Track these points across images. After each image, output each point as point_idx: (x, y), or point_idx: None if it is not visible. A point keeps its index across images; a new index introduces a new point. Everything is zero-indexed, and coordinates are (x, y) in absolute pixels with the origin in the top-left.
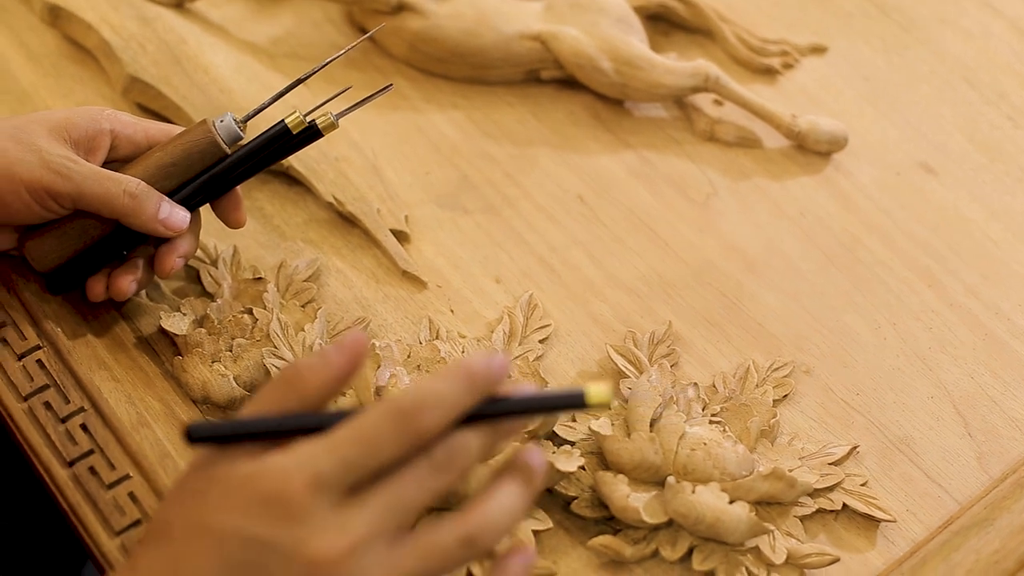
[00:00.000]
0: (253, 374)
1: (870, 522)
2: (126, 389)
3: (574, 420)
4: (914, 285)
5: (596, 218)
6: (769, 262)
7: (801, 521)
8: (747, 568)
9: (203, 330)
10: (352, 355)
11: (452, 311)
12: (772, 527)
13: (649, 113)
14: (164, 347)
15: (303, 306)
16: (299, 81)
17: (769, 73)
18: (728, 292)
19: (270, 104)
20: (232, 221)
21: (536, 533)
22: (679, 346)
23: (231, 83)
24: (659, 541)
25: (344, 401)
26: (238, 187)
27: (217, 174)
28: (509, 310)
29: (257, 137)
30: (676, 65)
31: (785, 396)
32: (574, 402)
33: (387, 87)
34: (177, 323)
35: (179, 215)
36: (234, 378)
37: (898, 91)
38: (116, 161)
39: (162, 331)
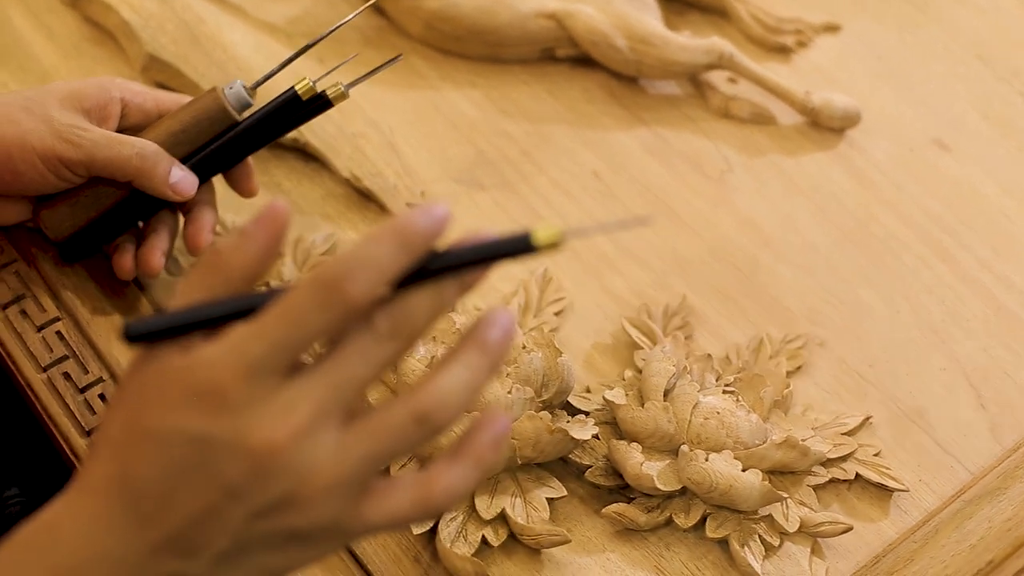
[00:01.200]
0: None
1: (883, 492)
2: None
3: (588, 391)
4: (927, 259)
5: (611, 194)
6: (783, 237)
7: (814, 490)
8: (760, 536)
9: None
10: (272, 227)
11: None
12: (785, 494)
13: (664, 90)
14: None
15: None
16: (308, 47)
17: (783, 51)
18: (742, 266)
19: (279, 71)
20: (244, 190)
21: (550, 501)
22: (693, 319)
23: (250, 62)
24: (673, 509)
25: None
26: (249, 157)
27: (228, 142)
28: (524, 283)
29: (267, 104)
30: (690, 42)
31: (799, 368)
32: (521, 245)
33: (396, 57)
34: None
35: (189, 179)
36: None
37: (912, 68)
38: (127, 130)
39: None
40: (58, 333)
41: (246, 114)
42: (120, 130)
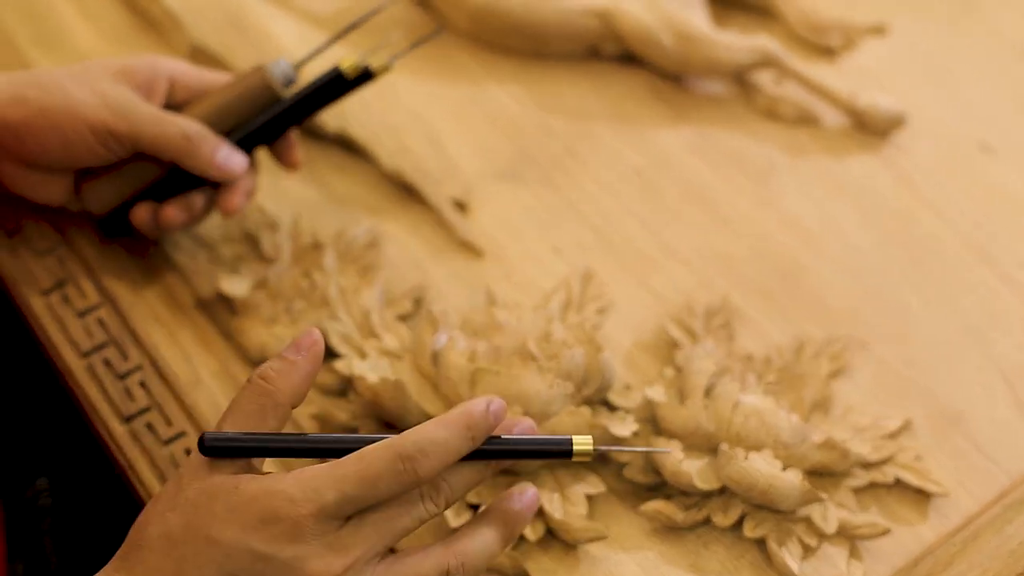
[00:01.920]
0: None
1: (922, 495)
2: (184, 348)
3: (628, 388)
4: (968, 261)
5: (654, 192)
6: (826, 238)
7: (853, 493)
8: (799, 537)
9: (262, 293)
10: (312, 354)
11: (509, 280)
12: (824, 496)
13: (709, 90)
14: (222, 309)
15: (361, 273)
16: (354, 25)
17: (829, 53)
18: (785, 267)
19: (323, 49)
20: (287, 161)
21: (588, 498)
22: (735, 319)
23: (295, 54)
24: (711, 508)
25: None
26: (292, 131)
27: (273, 117)
28: (566, 280)
29: (313, 81)
30: (736, 41)
31: (840, 369)
32: (560, 450)
33: (437, 31)
34: (236, 286)
35: (236, 159)
36: (292, 340)
37: (957, 71)
38: (173, 106)
39: (220, 295)
40: (99, 320)
41: (290, 91)
42: (166, 107)
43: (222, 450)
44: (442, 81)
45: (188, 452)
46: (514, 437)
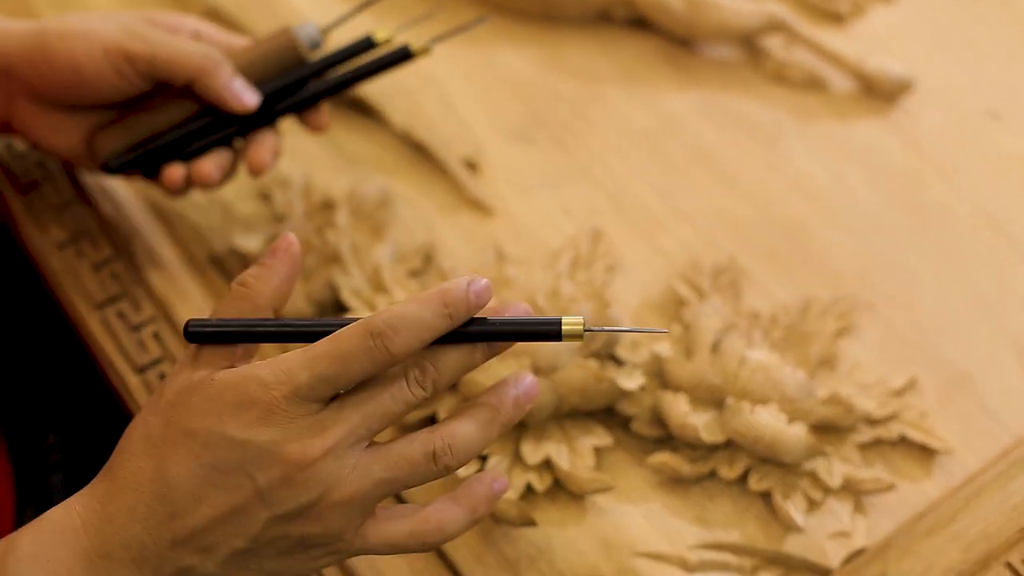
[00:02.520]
0: (323, 292)
1: (927, 453)
2: (197, 302)
3: (635, 343)
4: (977, 227)
5: (663, 154)
6: (834, 200)
7: (859, 449)
8: (803, 490)
9: None
10: (288, 256)
11: (518, 239)
12: (829, 448)
13: (718, 54)
14: (235, 264)
15: (373, 230)
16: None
17: (838, 19)
18: (792, 229)
19: (349, 16)
20: (314, 124)
21: (596, 451)
22: (742, 279)
23: (311, 18)
24: (716, 461)
25: None
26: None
27: (301, 80)
28: (575, 239)
29: (343, 48)
30: (745, 6)
31: (846, 329)
32: (549, 331)
33: (481, 19)
34: (249, 241)
35: (251, 92)
36: (304, 294)
37: (967, 38)
38: None
39: (234, 251)
40: (113, 273)
41: (316, 56)
42: None
43: (205, 335)
44: (455, 43)
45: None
46: (500, 319)
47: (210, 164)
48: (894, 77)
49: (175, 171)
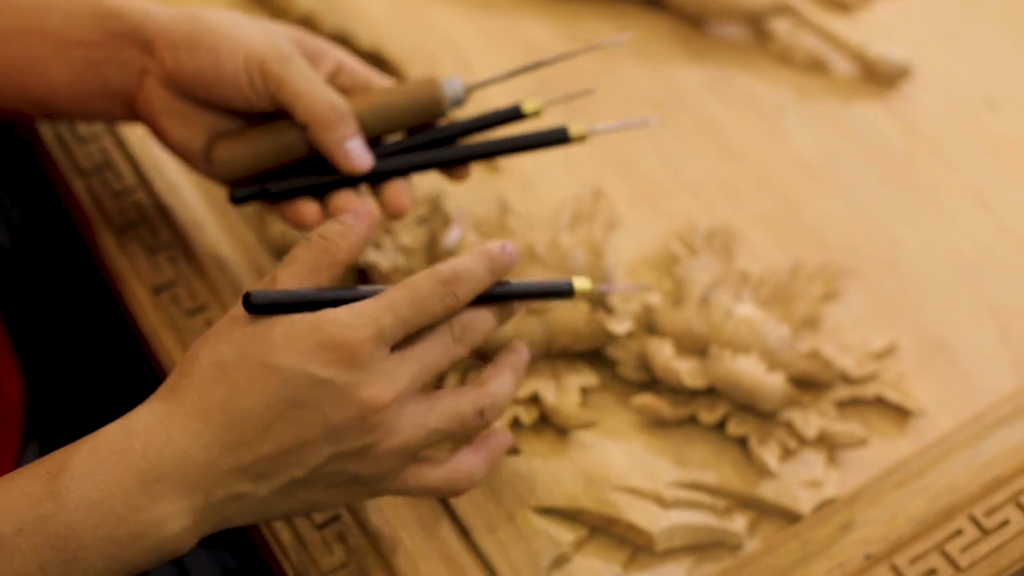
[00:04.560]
0: None
1: (902, 413)
2: (212, 235)
3: (626, 296)
4: (966, 205)
5: (670, 125)
6: (830, 174)
7: (836, 406)
8: (779, 439)
9: None
10: (368, 222)
11: (524, 195)
12: (807, 401)
13: (727, 34)
14: (251, 208)
15: None
16: (538, 65)
17: (845, 7)
18: (787, 198)
19: (499, 80)
20: (458, 175)
21: (582, 391)
22: (735, 242)
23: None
24: (697, 405)
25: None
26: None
27: (436, 138)
28: (577, 196)
29: (490, 114)
30: None
31: (832, 293)
32: (562, 290)
33: (645, 120)
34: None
35: (365, 155)
36: None
37: (969, 30)
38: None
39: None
40: (135, 202)
41: (457, 114)
42: None
43: (267, 307)
44: (478, 11)
45: (209, 323)
46: (520, 282)
47: (350, 201)
48: (894, 62)
49: (311, 212)
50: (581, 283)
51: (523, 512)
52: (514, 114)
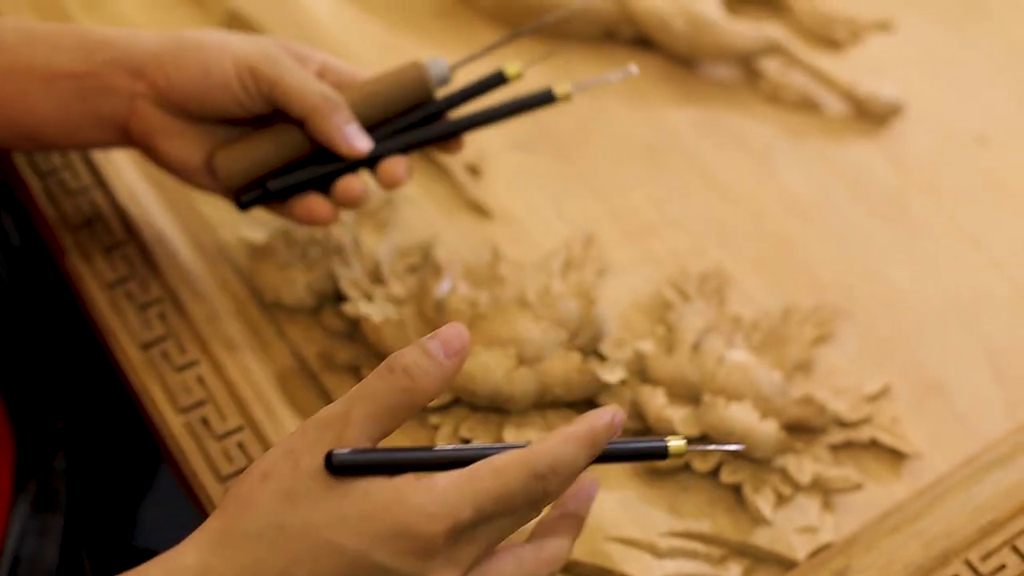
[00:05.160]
0: (323, 283)
1: (896, 456)
2: (202, 287)
3: (621, 341)
4: (959, 244)
5: (659, 166)
6: (821, 214)
7: (830, 450)
8: (773, 485)
9: (280, 239)
10: (460, 355)
11: (515, 241)
12: (800, 446)
13: (717, 74)
14: (242, 254)
15: (376, 227)
16: (516, 34)
17: (835, 45)
18: (779, 239)
19: (481, 55)
20: (453, 148)
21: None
22: (727, 285)
23: (328, 28)
24: (691, 454)
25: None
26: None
27: (427, 115)
28: (567, 241)
29: (475, 83)
30: (745, 29)
31: (825, 336)
32: (656, 450)
33: (630, 70)
34: (256, 233)
35: (364, 138)
36: (305, 285)
37: (959, 66)
38: None
39: (241, 241)
40: (124, 256)
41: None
42: None
43: (352, 468)
44: (466, 54)
45: (199, 378)
46: (616, 445)
47: (356, 183)
48: (885, 100)
49: (320, 205)
50: (676, 445)
51: None
52: (498, 80)
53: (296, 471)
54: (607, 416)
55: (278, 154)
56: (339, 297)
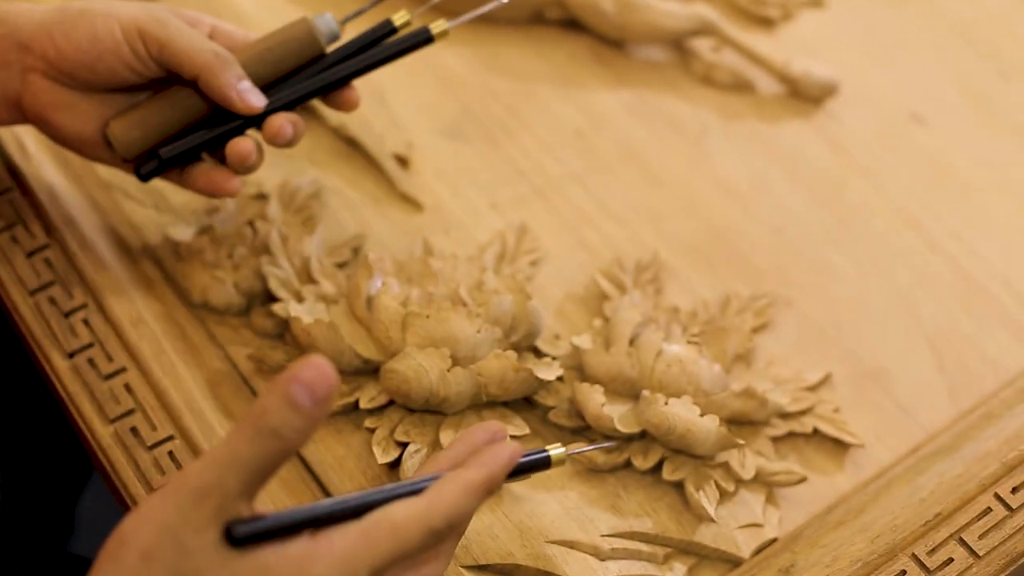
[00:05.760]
0: (251, 282)
1: (839, 447)
2: (127, 290)
3: (557, 337)
4: (897, 227)
5: (591, 151)
6: (757, 199)
7: (772, 442)
8: (716, 481)
9: (206, 238)
10: (328, 401)
11: (447, 233)
12: (742, 442)
13: (648, 55)
14: (168, 254)
15: (303, 222)
16: None
17: (767, 23)
18: (715, 225)
19: (369, 8)
20: (349, 101)
21: (514, 439)
22: (664, 274)
23: (245, 8)
24: (631, 451)
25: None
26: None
27: (323, 69)
28: (501, 233)
29: (363, 34)
30: (676, 9)
31: (764, 325)
32: (542, 464)
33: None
34: (181, 231)
35: (258, 95)
36: (233, 284)
37: (894, 43)
38: None
39: (166, 240)
40: (46, 259)
41: (333, 47)
42: None
43: (253, 537)
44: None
45: (127, 386)
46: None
47: (246, 143)
48: (819, 80)
49: (219, 174)
50: (557, 454)
51: (457, 571)
52: (386, 29)
53: (184, 550)
54: (505, 457)
55: (173, 119)
56: (269, 296)
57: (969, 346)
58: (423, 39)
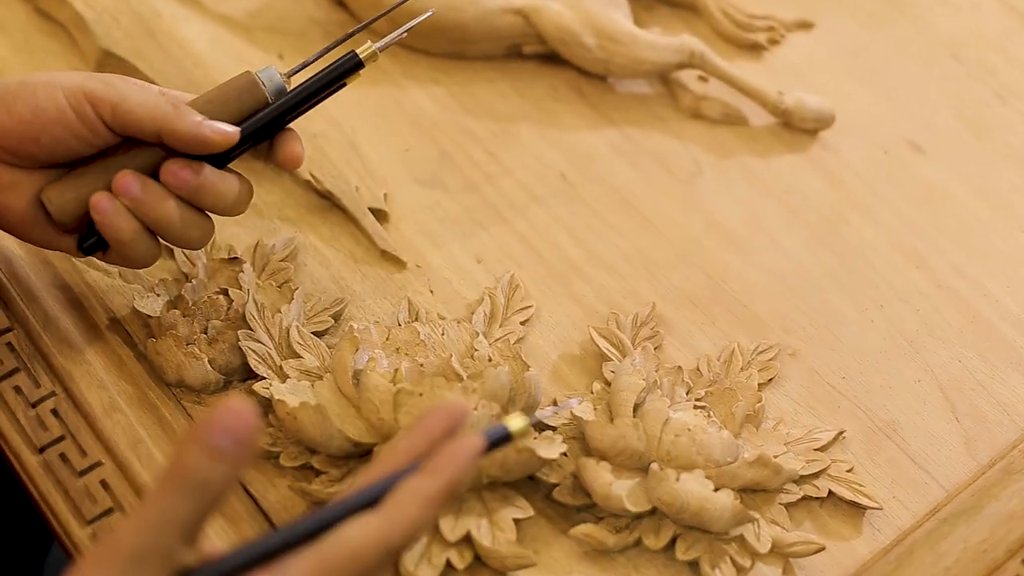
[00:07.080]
0: (228, 357)
1: (856, 509)
2: (98, 373)
3: (555, 402)
4: (900, 265)
5: (578, 196)
6: (754, 241)
7: (786, 508)
8: (731, 557)
9: (177, 311)
10: (250, 438)
11: (432, 291)
12: (757, 515)
13: (633, 89)
14: (137, 329)
15: (279, 286)
16: (351, 33)
17: (755, 49)
18: (712, 272)
19: (315, 60)
20: (291, 157)
21: (517, 522)
22: (663, 327)
23: (206, 57)
24: (642, 530)
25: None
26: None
27: (278, 106)
28: (490, 291)
29: (325, 69)
30: (660, 40)
31: (770, 380)
32: (502, 438)
33: (429, 13)
34: (151, 304)
35: (225, 125)
36: (209, 361)
37: (886, 68)
38: None
39: (135, 313)
40: (8, 344)
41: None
42: None
43: None
44: (360, 83)
45: (103, 483)
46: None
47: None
48: (813, 111)
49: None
50: (518, 427)
51: None
52: (352, 60)
53: None
54: (464, 458)
55: (107, 175)
56: (248, 371)
57: (982, 393)
58: (352, 64)
